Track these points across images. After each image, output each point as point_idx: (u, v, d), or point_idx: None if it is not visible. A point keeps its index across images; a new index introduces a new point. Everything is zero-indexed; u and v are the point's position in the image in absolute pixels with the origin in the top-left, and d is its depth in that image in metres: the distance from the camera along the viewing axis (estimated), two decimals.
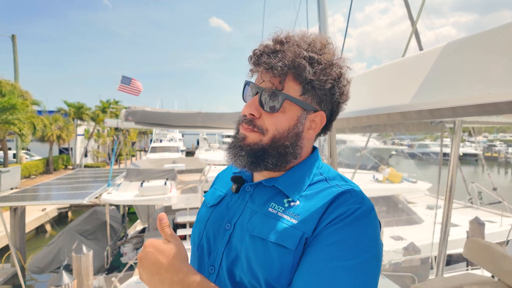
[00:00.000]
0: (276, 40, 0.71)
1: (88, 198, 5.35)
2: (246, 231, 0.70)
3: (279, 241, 0.65)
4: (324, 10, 5.63)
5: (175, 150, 18.43)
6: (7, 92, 13.10)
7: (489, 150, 32.18)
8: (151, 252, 0.64)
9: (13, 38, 18.48)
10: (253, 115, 0.72)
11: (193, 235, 0.84)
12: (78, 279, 4.19)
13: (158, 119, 7.46)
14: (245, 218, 0.73)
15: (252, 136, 0.72)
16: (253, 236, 0.68)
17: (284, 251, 0.64)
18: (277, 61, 0.68)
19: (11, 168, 13.11)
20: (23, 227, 7.38)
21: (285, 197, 0.72)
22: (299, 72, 0.68)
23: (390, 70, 1.06)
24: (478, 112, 0.83)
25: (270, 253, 0.65)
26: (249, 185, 0.78)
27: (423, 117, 0.97)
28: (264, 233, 0.67)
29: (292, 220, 0.67)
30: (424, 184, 8.17)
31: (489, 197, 7.36)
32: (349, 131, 1.92)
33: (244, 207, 0.76)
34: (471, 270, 4.36)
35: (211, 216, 0.80)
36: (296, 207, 0.69)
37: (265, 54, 0.70)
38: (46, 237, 10.83)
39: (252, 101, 0.72)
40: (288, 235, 0.65)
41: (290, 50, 0.68)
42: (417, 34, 3.12)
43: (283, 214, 0.69)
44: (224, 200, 0.81)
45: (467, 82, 0.73)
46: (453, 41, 0.79)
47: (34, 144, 21.40)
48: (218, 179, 0.94)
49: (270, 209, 0.71)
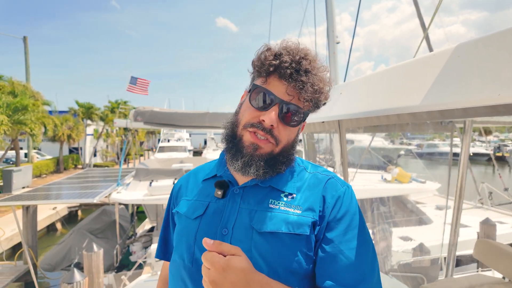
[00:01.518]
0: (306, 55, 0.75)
1: (98, 198, 5.44)
2: (251, 230, 0.72)
3: (292, 231, 0.71)
4: (331, 9, 5.61)
5: (182, 149, 18.55)
6: (19, 92, 13.35)
7: (500, 150, 31.59)
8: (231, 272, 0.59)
9: (25, 40, 18.83)
10: (272, 126, 0.74)
11: (180, 251, 0.79)
12: (89, 277, 4.27)
13: (166, 119, 7.52)
14: (245, 219, 0.74)
15: (267, 147, 0.75)
16: (262, 233, 0.72)
17: (298, 238, 0.71)
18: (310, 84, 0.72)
19: (22, 167, 13.37)
20: (35, 225, 7.53)
21: (281, 192, 0.78)
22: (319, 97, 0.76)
23: (400, 71, 1.07)
24: (489, 113, 0.83)
25: (284, 244, 0.71)
26: (238, 188, 0.79)
27: (433, 117, 0.97)
28: (274, 227, 0.72)
29: (296, 211, 0.74)
30: (433, 184, 8.07)
31: (500, 198, 7.23)
32: (358, 131, 1.92)
33: (238, 209, 0.76)
34: (482, 271, 4.30)
35: (200, 227, 0.77)
36: (295, 199, 0.77)
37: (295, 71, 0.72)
38: (56, 235, 11.04)
39: (275, 112, 0.74)
40: (299, 224, 0.72)
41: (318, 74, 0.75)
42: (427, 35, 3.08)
43: (286, 207, 0.75)
44: (209, 209, 0.79)
45: (478, 84, 0.73)
46: (464, 43, 0.79)
47: (45, 144, 21.81)
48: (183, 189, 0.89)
49: (270, 205, 0.75)
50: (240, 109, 0.81)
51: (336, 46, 5.69)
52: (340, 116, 1.51)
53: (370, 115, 1.20)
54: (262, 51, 0.77)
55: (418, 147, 29.97)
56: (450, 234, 2.76)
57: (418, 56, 1.06)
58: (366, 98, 1.26)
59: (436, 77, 0.83)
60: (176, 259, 0.80)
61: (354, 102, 1.35)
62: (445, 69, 0.81)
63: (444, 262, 3.42)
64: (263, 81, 0.76)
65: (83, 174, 9.18)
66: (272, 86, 0.75)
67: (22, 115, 12.55)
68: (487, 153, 25.14)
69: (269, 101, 0.75)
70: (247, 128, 0.76)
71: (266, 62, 0.74)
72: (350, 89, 1.49)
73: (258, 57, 0.77)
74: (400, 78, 1.05)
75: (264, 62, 0.74)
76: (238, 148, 0.77)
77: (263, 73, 0.75)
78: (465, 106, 0.75)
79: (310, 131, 2.32)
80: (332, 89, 0.80)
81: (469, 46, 0.77)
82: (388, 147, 20.11)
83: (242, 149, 0.76)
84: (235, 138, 0.78)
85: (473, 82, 0.73)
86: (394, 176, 7.84)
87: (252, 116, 0.75)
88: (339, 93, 1.54)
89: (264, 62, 0.74)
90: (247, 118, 0.76)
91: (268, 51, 0.75)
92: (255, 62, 0.78)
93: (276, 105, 0.74)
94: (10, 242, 8.93)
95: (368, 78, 1.30)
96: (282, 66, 0.72)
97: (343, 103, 1.48)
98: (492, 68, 0.69)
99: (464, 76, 0.76)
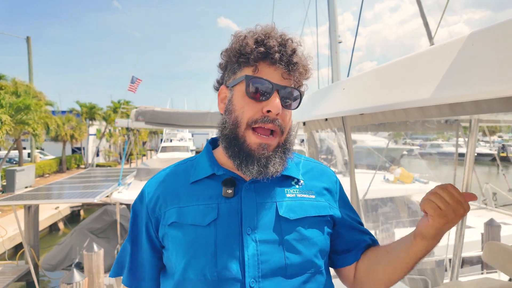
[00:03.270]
0: (288, 38, 0.74)
1: (98, 197, 5.42)
2: (278, 221, 0.73)
3: (318, 213, 0.78)
4: (334, 8, 5.56)
5: (185, 149, 18.57)
6: (22, 92, 13.39)
7: (505, 150, 31.34)
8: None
9: (28, 40, 18.91)
10: (278, 114, 0.73)
11: (198, 266, 0.69)
12: (89, 277, 4.24)
13: (168, 119, 7.51)
14: (268, 212, 0.73)
15: (275, 142, 0.75)
16: (292, 221, 0.73)
17: (322, 220, 0.78)
18: (302, 63, 0.74)
19: (25, 167, 13.43)
20: (36, 225, 7.52)
21: (291, 179, 0.80)
22: (308, 73, 0.77)
23: (407, 64, 1.01)
24: (503, 108, 0.78)
25: (316, 226, 0.77)
26: (248, 183, 0.76)
27: (443, 113, 0.92)
28: (304, 213, 0.76)
29: (311, 196, 0.80)
30: (436, 185, 7.98)
31: (504, 198, 7.14)
32: (363, 129, 1.87)
33: (255, 204, 0.74)
34: (487, 273, 4.23)
35: (218, 233, 0.70)
36: (304, 186, 0.81)
37: (284, 53, 0.71)
38: (59, 235, 11.05)
39: (278, 99, 0.72)
40: (319, 207, 0.79)
41: (302, 54, 0.76)
42: (429, 32, 3.03)
43: (302, 194, 0.79)
44: (221, 210, 0.72)
45: (493, 74, 0.68)
46: (476, 31, 0.74)
47: (48, 144, 21.88)
48: (164, 198, 0.77)
49: (288, 195, 0.77)
50: (232, 107, 0.75)
51: (338, 46, 5.64)
52: (344, 112, 1.46)
53: (375, 111, 1.15)
54: (238, 40, 0.73)
55: (421, 147, 29.82)
56: (455, 236, 2.70)
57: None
58: (371, 93, 1.21)
59: (447, 68, 0.78)
60: (192, 277, 0.70)
61: (358, 97, 1.30)
62: (457, 60, 0.76)
63: (449, 264, 3.35)
64: (254, 70, 0.72)
65: (84, 174, 9.17)
66: (265, 74, 0.72)
67: (24, 115, 12.58)
68: (491, 153, 24.96)
69: (268, 90, 0.72)
70: (252, 126, 0.72)
71: (251, 51, 0.71)
72: (354, 84, 1.44)
73: (238, 48, 0.73)
74: (407, 71, 1.00)
75: (249, 51, 0.71)
76: (247, 152, 0.72)
77: (251, 62, 0.71)
78: (479, 98, 0.70)
79: (314, 129, 2.27)
80: (335, 84, 0.83)
81: (482, 34, 0.72)
82: (391, 147, 19.99)
83: (251, 153, 0.72)
84: (238, 140, 0.73)
85: (487, 71, 0.68)
86: (396, 176, 7.78)
87: (255, 110, 0.72)
88: (342, 88, 1.49)
89: (249, 51, 0.71)
90: (250, 113, 0.72)
91: (247, 39, 0.72)
92: (233, 53, 0.74)
93: (275, 91, 0.72)
94: (12, 241, 8.94)
95: (372, 73, 1.25)
96: (271, 51, 0.70)
97: (346, 98, 1.43)
98: (508, 56, 0.64)
99: (477, 66, 0.71)
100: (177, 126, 7.98)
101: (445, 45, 0.81)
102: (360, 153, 9.08)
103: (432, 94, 0.80)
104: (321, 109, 1.74)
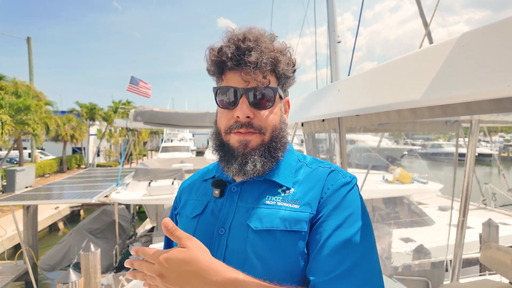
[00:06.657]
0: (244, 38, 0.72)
1: (96, 198, 5.41)
2: (247, 229, 0.70)
3: (289, 227, 0.67)
4: (333, 8, 5.54)
5: (185, 149, 18.56)
6: (22, 93, 13.39)
7: (506, 150, 31.27)
8: (174, 264, 0.59)
9: (28, 41, 18.92)
10: (249, 117, 0.72)
11: None
12: (86, 277, 4.23)
13: (166, 119, 7.51)
14: (241, 218, 0.72)
15: (256, 140, 0.73)
16: (257, 231, 0.68)
17: (295, 235, 0.67)
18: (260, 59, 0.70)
19: (26, 167, 13.43)
20: (35, 225, 7.52)
21: (279, 187, 0.75)
22: (277, 65, 0.73)
23: (401, 65, 1.00)
24: (494, 109, 0.77)
25: (281, 242, 0.67)
26: (234, 186, 0.77)
27: (435, 114, 0.91)
28: (270, 225, 0.68)
29: (293, 206, 0.70)
30: (435, 185, 7.97)
31: (504, 199, 7.11)
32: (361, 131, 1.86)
33: (235, 207, 0.74)
34: (488, 275, 4.21)
35: (198, 227, 0.77)
36: (293, 194, 0.73)
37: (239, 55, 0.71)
38: (58, 235, 11.04)
39: (244, 103, 0.72)
40: (296, 220, 0.68)
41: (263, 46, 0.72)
42: (429, 33, 3.02)
43: (283, 203, 0.71)
44: (207, 208, 0.78)
45: (484, 75, 0.66)
46: (469, 31, 0.73)
47: (48, 144, 21.89)
48: (186, 190, 0.89)
49: (267, 202, 0.72)
50: (216, 118, 0.81)
51: (337, 45, 5.62)
52: (339, 113, 1.45)
53: (369, 111, 1.13)
54: (206, 56, 0.76)
55: (422, 147, 29.77)
56: (456, 237, 2.69)
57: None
58: (366, 93, 1.20)
59: (438, 69, 0.77)
60: None
61: (353, 98, 1.29)
62: (448, 61, 0.75)
63: (449, 265, 3.33)
64: (221, 81, 0.76)
65: (84, 174, 9.18)
66: (229, 81, 0.74)
67: (24, 115, 12.58)
68: (491, 153, 24.92)
69: (233, 96, 0.73)
70: (233, 131, 0.74)
71: (211, 65, 0.75)
72: (349, 85, 1.42)
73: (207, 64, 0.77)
74: (400, 72, 0.99)
75: (213, 64, 0.75)
76: (230, 152, 0.75)
77: (216, 74, 0.76)
78: (469, 99, 0.68)
79: (311, 130, 2.26)
80: (331, 85, 0.79)
81: (474, 34, 0.70)
82: (392, 147, 19.96)
83: (233, 152, 0.74)
84: (223, 146, 0.77)
85: (478, 73, 0.66)
86: (395, 176, 7.76)
87: (228, 118, 0.75)
88: (338, 90, 1.48)
89: (213, 64, 0.75)
90: (224, 122, 0.76)
91: (209, 55, 0.75)
92: (208, 70, 0.78)
93: (242, 96, 0.72)
94: (11, 241, 8.94)
95: (367, 73, 1.23)
96: (227, 58, 0.71)
97: (342, 99, 1.42)
98: (499, 58, 0.63)
99: (468, 68, 0.70)
100: (176, 126, 7.99)
101: (436, 46, 0.80)
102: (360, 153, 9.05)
103: (423, 95, 0.78)
104: (318, 110, 1.73)
